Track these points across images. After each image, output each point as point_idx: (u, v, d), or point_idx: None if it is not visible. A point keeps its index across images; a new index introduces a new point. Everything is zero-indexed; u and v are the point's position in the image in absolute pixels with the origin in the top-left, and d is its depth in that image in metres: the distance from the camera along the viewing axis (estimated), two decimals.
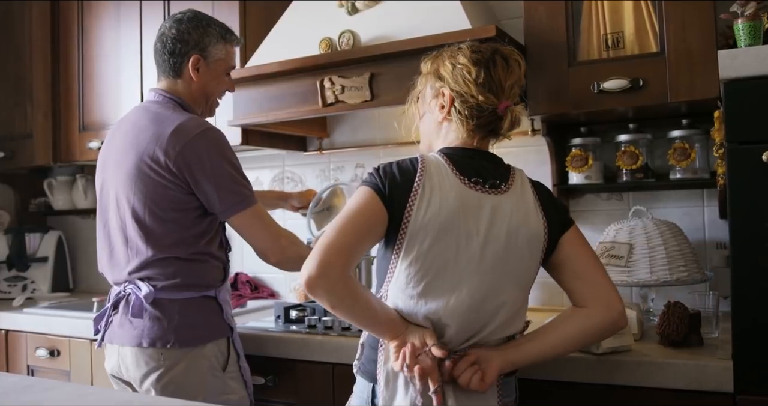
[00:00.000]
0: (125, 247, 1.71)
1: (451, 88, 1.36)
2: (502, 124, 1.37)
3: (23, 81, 3.03)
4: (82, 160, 2.90)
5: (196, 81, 1.79)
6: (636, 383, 1.50)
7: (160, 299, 1.66)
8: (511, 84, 1.36)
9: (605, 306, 1.36)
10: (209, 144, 1.64)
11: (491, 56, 1.36)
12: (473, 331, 1.32)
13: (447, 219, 1.29)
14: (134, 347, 1.66)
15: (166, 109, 1.73)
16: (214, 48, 1.80)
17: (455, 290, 1.29)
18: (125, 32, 2.74)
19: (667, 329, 1.61)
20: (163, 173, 1.63)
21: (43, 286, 3.15)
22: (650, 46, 1.80)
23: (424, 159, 1.34)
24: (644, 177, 2.02)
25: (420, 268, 1.29)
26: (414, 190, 1.29)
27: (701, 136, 1.96)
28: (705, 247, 2.05)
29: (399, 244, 1.30)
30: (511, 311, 1.34)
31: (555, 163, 2.12)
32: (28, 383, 1.38)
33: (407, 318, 1.32)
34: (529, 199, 1.38)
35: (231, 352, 1.72)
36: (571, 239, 1.41)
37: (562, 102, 1.88)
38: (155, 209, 1.65)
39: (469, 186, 1.32)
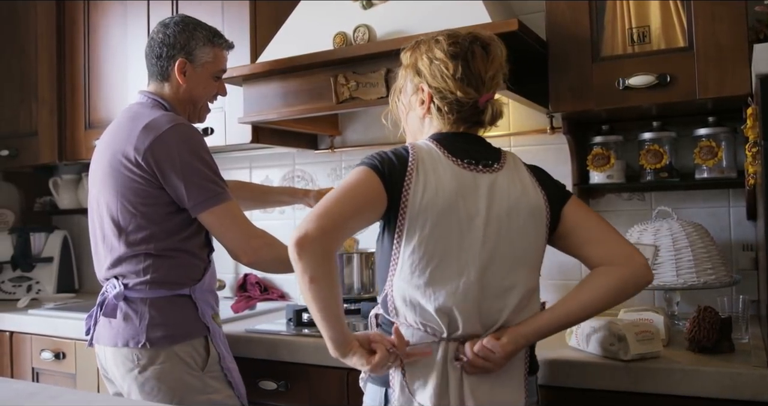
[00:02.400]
0: (103, 244, 1.71)
1: (430, 84, 1.35)
2: (484, 116, 1.36)
3: (28, 78, 2.99)
4: (87, 158, 2.81)
5: (182, 84, 1.78)
6: (667, 391, 1.44)
7: (131, 297, 1.64)
8: (491, 74, 1.33)
9: (625, 260, 1.31)
10: (179, 139, 1.62)
11: (469, 47, 1.32)
12: (490, 318, 1.28)
13: (446, 201, 1.26)
14: (112, 347, 1.66)
15: (146, 108, 1.73)
16: (200, 51, 1.79)
17: (462, 273, 1.26)
18: (132, 29, 2.70)
19: (697, 334, 1.55)
20: (134, 169, 1.62)
21: (48, 286, 3.11)
22: (677, 41, 1.74)
23: (414, 146, 1.33)
24: (668, 176, 1.95)
25: (424, 254, 1.26)
26: (408, 173, 1.27)
27: (728, 134, 1.90)
28: (731, 249, 1.99)
29: (399, 230, 1.27)
30: (524, 293, 1.30)
31: (575, 162, 2.06)
32: (32, 390, 1.33)
33: (420, 316, 1.27)
34: (523, 175, 1.37)
35: (211, 352, 1.67)
36: (573, 207, 1.38)
37: (586, 99, 1.82)
38: (126, 204, 1.64)
39: (463, 167, 1.31)
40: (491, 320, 1.28)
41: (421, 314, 1.27)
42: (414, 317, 1.28)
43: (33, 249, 3.14)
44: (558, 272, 2.17)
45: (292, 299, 2.66)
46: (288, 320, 2.05)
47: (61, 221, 3.41)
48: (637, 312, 1.70)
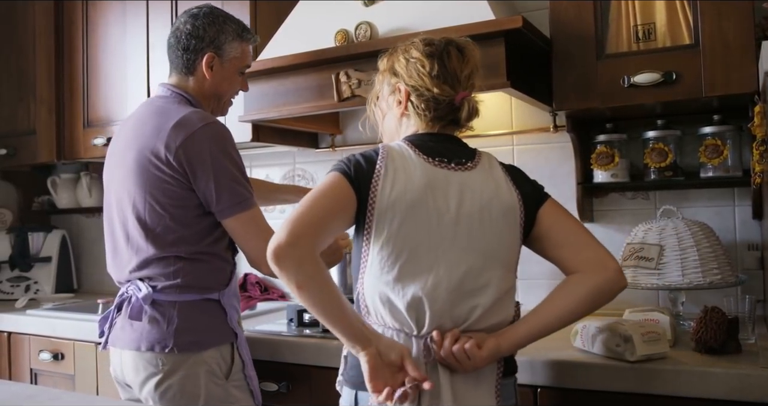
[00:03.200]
0: (127, 245, 1.64)
1: (407, 82, 1.35)
2: (460, 114, 1.35)
3: (26, 76, 2.97)
4: (86, 157, 2.84)
5: (208, 79, 1.72)
6: (673, 392, 1.42)
7: (159, 300, 1.58)
8: (467, 74, 1.34)
9: (597, 266, 1.30)
10: (212, 138, 1.57)
11: (445, 48, 1.34)
12: (460, 317, 1.27)
13: (414, 196, 1.26)
14: (133, 350, 1.59)
15: (172, 104, 1.67)
16: (229, 46, 1.73)
17: (432, 270, 1.25)
18: (131, 27, 2.68)
19: (704, 335, 1.53)
20: (163, 168, 1.56)
21: (47, 286, 3.09)
22: (683, 38, 1.72)
23: (385, 146, 1.34)
24: (673, 175, 1.94)
25: (392, 250, 1.25)
26: (377, 172, 1.28)
27: (734, 132, 1.89)
28: (736, 248, 1.97)
29: (368, 227, 1.27)
30: (497, 293, 1.28)
31: (579, 160, 2.04)
32: (30, 392, 1.32)
33: (389, 313, 1.27)
34: (498, 175, 1.35)
35: (235, 359, 1.63)
36: (549, 210, 1.36)
37: (590, 97, 1.81)
38: (155, 205, 1.58)
39: (434, 164, 1.31)
40: (462, 319, 1.27)
41: (390, 310, 1.27)
42: (384, 315, 1.28)
43: (31, 249, 3.12)
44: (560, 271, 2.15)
45: (293, 299, 2.64)
46: (289, 320, 2.03)
47: (59, 220, 3.39)
48: (643, 312, 1.69)
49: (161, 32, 2.57)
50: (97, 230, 3.28)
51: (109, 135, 2.71)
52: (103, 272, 3.25)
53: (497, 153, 2.31)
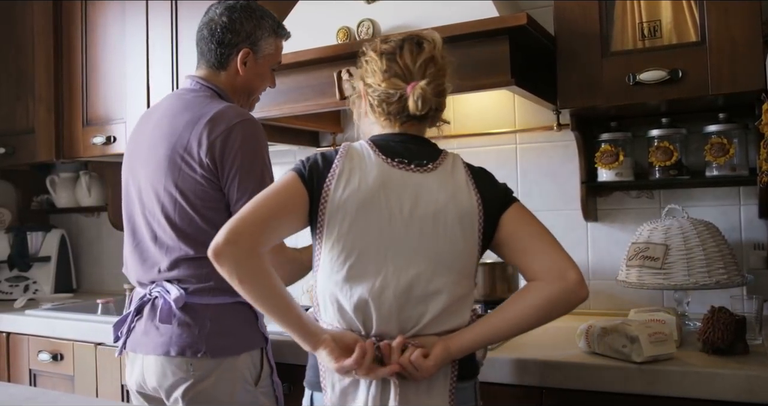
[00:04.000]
0: (154, 244, 1.58)
1: (365, 82, 1.35)
2: (412, 105, 1.28)
3: (25, 75, 2.95)
4: (85, 156, 2.82)
5: (241, 75, 1.67)
6: (681, 394, 1.41)
7: (191, 303, 1.52)
8: (421, 64, 1.29)
9: (556, 276, 1.24)
10: (247, 136, 1.52)
11: (400, 45, 1.32)
12: (409, 321, 1.24)
13: (366, 196, 1.25)
14: (160, 355, 1.52)
15: (203, 98, 1.61)
16: (265, 42, 1.69)
17: (380, 272, 1.23)
18: (131, 25, 2.66)
19: (711, 335, 1.51)
20: (195, 166, 1.51)
21: (46, 286, 3.08)
22: (689, 35, 1.70)
23: (347, 145, 1.33)
24: (678, 174, 1.92)
25: (342, 249, 1.24)
26: (332, 170, 1.27)
27: (740, 130, 1.87)
28: (742, 248, 1.96)
29: (320, 226, 1.26)
30: (449, 301, 1.25)
31: (583, 159, 2.02)
32: (29, 394, 1.30)
33: (338, 313, 1.25)
34: (459, 178, 1.31)
35: (264, 365, 1.59)
36: (513, 215, 1.31)
37: (595, 95, 1.79)
38: (186, 205, 1.53)
39: (392, 165, 1.28)
40: (410, 324, 1.24)
41: (339, 310, 1.25)
42: (333, 315, 1.26)
43: (30, 248, 3.11)
44: None
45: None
46: None
47: (58, 219, 3.37)
48: (649, 312, 1.67)
49: (160, 31, 2.56)
50: (96, 229, 3.27)
51: (109, 134, 2.69)
52: (102, 272, 3.27)
53: (500, 152, 2.32)
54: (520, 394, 1.55)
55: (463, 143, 2.30)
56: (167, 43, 2.54)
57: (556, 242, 1.29)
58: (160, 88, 2.57)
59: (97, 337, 2.28)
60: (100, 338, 2.27)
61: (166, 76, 2.55)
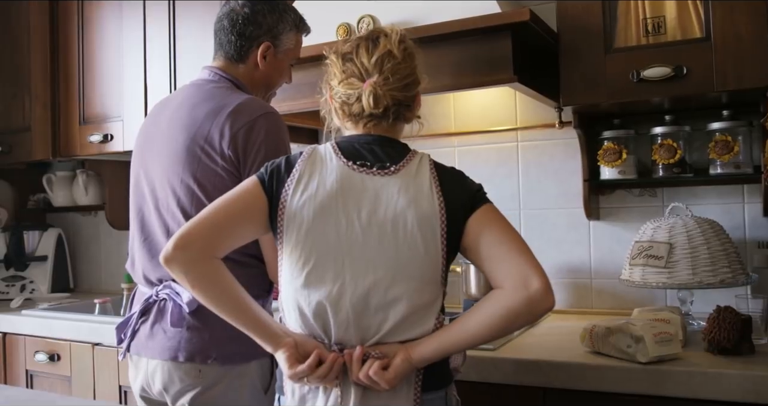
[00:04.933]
0: (166, 239, 1.49)
1: (329, 86, 1.32)
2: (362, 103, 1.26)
3: (21, 72, 2.92)
4: (82, 154, 2.79)
5: (260, 69, 1.63)
6: (687, 394, 1.39)
7: (202, 306, 1.45)
8: (377, 59, 1.25)
9: (518, 284, 1.18)
10: (270, 130, 1.47)
11: (357, 44, 1.29)
12: (368, 330, 1.20)
13: (324, 201, 1.22)
14: (167, 360, 1.46)
15: (224, 89, 1.56)
16: (286, 36, 1.64)
17: (337, 279, 1.20)
18: (128, 22, 2.64)
19: (717, 335, 1.50)
20: (216, 157, 1.46)
21: (43, 286, 3.05)
22: (694, 32, 1.68)
23: (313, 147, 1.30)
24: (682, 172, 1.90)
25: (300, 254, 1.22)
26: (292, 175, 1.25)
27: (745, 128, 1.85)
28: (746, 246, 1.94)
29: (280, 230, 1.24)
30: (411, 309, 1.20)
31: (586, 157, 2.00)
32: (26, 397, 1.28)
33: (300, 318, 1.23)
34: (422, 181, 1.25)
35: (275, 373, 1.51)
36: (478, 219, 1.24)
37: (598, 92, 1.77)
38: (204, 197, 1.45)
39: (353, 168, 1.25)
40: (370, 332, 1.20)
41: (300, 316, 1.23)
42: (296, 320, 1.24)
43: (27, 248, 3.08)
44: (567, 270, 2.12)
45: None
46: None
47: (55, 218, 3.35)
48: (653, 312, 1.65)
49: (158, 28, 2.54)
50: (93, 228, 3.25)
51: (106, 132, 2.67)
52: (100, 272, 3.25)
53: (501, 150, 2.29)
54: (524, 395, 1.53)
55: (464, 141, 2.27)
56: (164, 40, 2.52)
57: (524, 247, 1.23)
58: (157, 85, 2.55)
59: (94, 337, 2.26)
60: (97, 338, 2.25)
61: (164, 73, 2.53)
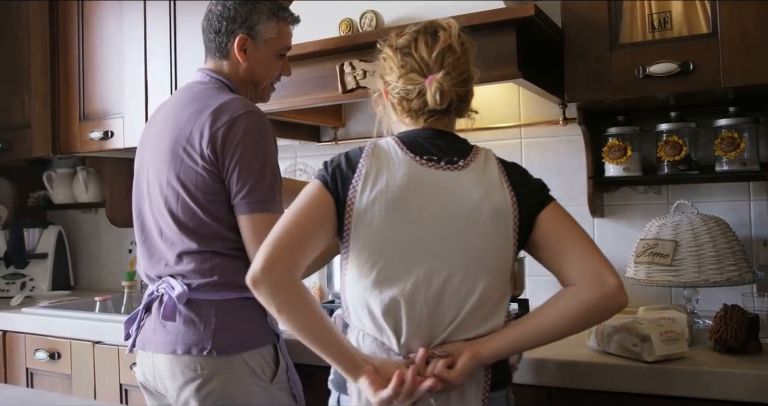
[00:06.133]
0: (160, 239, 1.55)
1: (384, 80, 1.31)
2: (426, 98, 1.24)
3: (21, 68, 2.91)
4: (82, 151, 2.78)
5: (243, 63, 1.62)
6: (693, 394, 1.38)
7: (195, 299, 1.48)
8: (438, 53, 1.24)
9: (594, 281, 1.19)
10: (250, 128, 1.47)
11: (414, 37, 1.27)
12: (440, 326, 1.19)
13: (395, 196, 1.20)
14: (168, 354, 1.49)
15: (211, 90, 1.58)
16: (263, 26, 1.62)
17: (411, 274, 1.18)
18: (128, 18, 2.62)
19: (724, 334, 1.48)
20: (197, 158, 1.48)
21: (43, 283, 3.04)
22: (700, 27, 1.66)
23: (373, 143, 1.27)
24: (687, 169, 1.88)
25: (372, 252, 1.20)
26: (358, 170, 1.22)
27: (751, 124, 1.83)
28: (751, 244, 1.92)
29: (347, 229, 1.21)
30: (484, 303, 1.20)
31: (590, 154, 1.98)
32: (25, 396, 1.27)
33: (369, 319, 1.20)
34: (492, 175, 1.25)
35: (280, 362, 1.54)
36: (549, 215, 1.26)
37: (603, 88, 1.75)
38: (187, 198, 1.49)
39: (421, 163, 1.23)
40: (441, 328, 1.19)
41: (369, 316, 1.21)
42: (364, 320, 1.22)
43: (27, 245, 3.07)
44: None
45: None
46: None
47: (55, 216, 3.33)
48: (658, 310, 1.64)
49: (158, 24, 2.53)
50: (93, 225, 3.23)
51: (106, 129, 2.66)
52: (100, 269, 3.24)
53: (505, 147, 2.27)
54: (530, 394, 1.51)
55: (467, 137, 2.23)
56: (165, 36, 2.51)
57: (595, 245, 1.24)
58: (158, 82, 2.53)
59: (94, 335, 2.25)
60: (97, 336, 2.24)
61: (165, 70, 2.51)
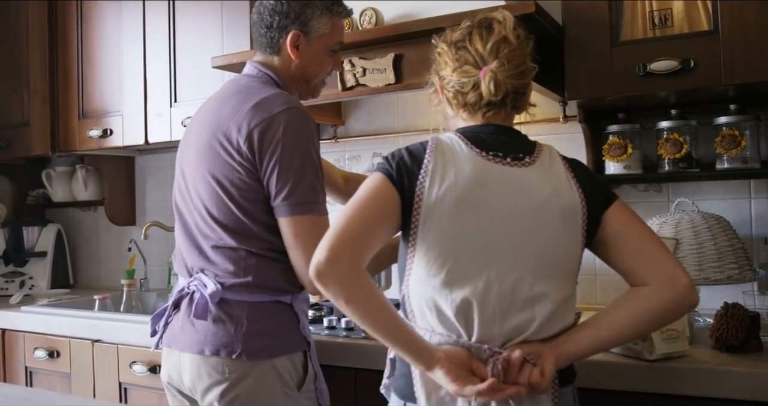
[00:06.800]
0: (196, 229, 1.50)
1: (439, 75, 1.29)
2: (485, 90, 1.22)
3: (20, 66, 2.90)
4: (81, 149, 2.77)
5: (295, 60, 1.56)
6: (694, 393, 1.37)
7: (227, 299, 1.43)
8: (492, 45, 1.22)
9: (668, 281, 1.18)
10: (291, 125, 1.41)
11: (469, 31, 1.25)
12: (516, 328, 1.16)
13: (465, 191, 1.17)
14: (195, 354, 1.44)
15: (256, 83, 1.53)
16: (317, 22, 1.55)
17: (482, 273, 1.16)
18: (127, 16, 2.62)
19: (725, 332, 1.48)
20: (233, 153, 1.42)
21: (42, 282, 3.04)
22: (701, 24, 1.66)
23: (435, 138, 1.25)
24: (688, 167, 1.87)
25: (441, 251, 1.16)
26: (424, 166, 1.19)
27: (752, 122, 1.82)
28: (752, 242, 1.91)
29: (414, 226, 1.18)
30: (556, 304, 1.18)
31: (591, 151, 1.98)
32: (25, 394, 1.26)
33: (437, 319, 1.17)
34: (559, 172, 1.24)
35: (309, 370, 1.49)
36: (616, 213, 1.24)
37: (604, 85, 1.74)
38: (222, 192, 1.44)
39: (488, 159, 1.21)
40: (518, 331, 1.16)
41: (438, 316, 1.17)
42: (431, 320, 1.18)
43: (26, 243, 3.06)
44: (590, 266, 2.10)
45: None
46: None
47: (54, 214, 3.32)
48: None
49: (157, 22, 2.52)
50: (92, 224, 3.23)
51: (105, 127, 2.66)
52: (100, 268, 3.23)
53: None
54: None
55: None
56: (164, 34, 2.50)
57: (663, 243, 1.24)
58: (157, 80, 2.53)
59: (94, 334, 2.24)
60: (97, 334, 2.23)
61: (164, 67, 2.50)
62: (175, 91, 2.49)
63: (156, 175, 3.02)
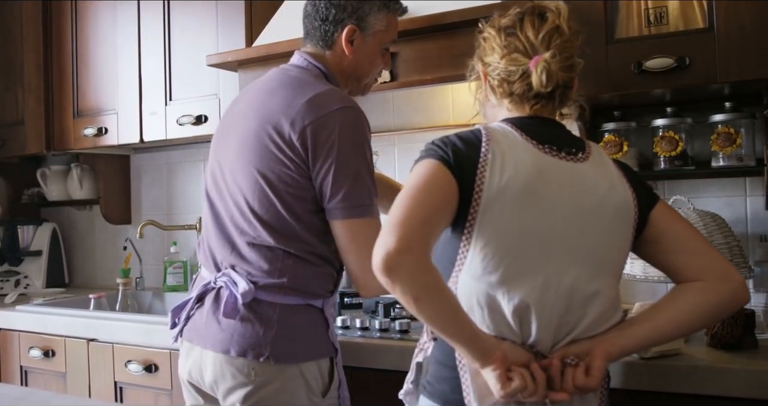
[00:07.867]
0: (230, 223, 1.44)
1: (483, 62, 1.24)
2: (531, 80, 1.17)
3: (14, 64, 2.89)
4: (76, 148, 2.77)
5: (348, 56, 1.51)
6: (689, 390, 1.37)
7: (258, 299, 1.38)
8: (545, 34, 1.17)
9: (721, 277, 1.17)
10: (346, 125, 1.37)
11: (520, 17, 1.20)
12: (567, 326, 1.14)
13: (526, 183, 1.12)
14: (219, 353, 1.40)
15: (308, 76, 1.47)
16: (374, 18, 1.51)
17: (540, 272, 1.12)
18: (122, 14, 2.61)
19: (719, 330, 1.48)
20: (284, 148, 1.37)
21: (37, 281, 3.03)
22: (697, 22, 1.65)
23: (486, 127, 1.19)
24: (683, 164, 1.88)
25: (499, 246, 1.11)
26: (483, 155, 1.13)
27: (747, 120, 1.83)
28: (747, 240, 1.92)
29: (471, 219, 1.12)
30: (606, 303, 1.16)
31: None
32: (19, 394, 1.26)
33: (489, 318, 1.12)
34: (611, 169, 1.22)
35: (334, 377, 1.46)
36: (663, 211, 1.24)
37: (599, 83, 1.74)
38: (267, 189, 1.38)
39: (544, 151, 1.17)
40: (566, 330, 1.14)
41: (491, 315, 1.12)
42: (482, 318, 1.13)
43: (21, 242, 3.06)
44: None
45: None
46: None
47: (49, 213, 3.32)
48: None
49: (152, 20, 2.52)
50: (89, 223, 3.22)
51: (100, 125, 2.65)
52: (95, 266, 3.22)
53: None
54: None
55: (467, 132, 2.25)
56: (159, 32, 2.50)
57: (709, 241, 1.24)
58: (152, 78, 2.52)
59: (89, 333, 2.23)
60: (92, 333, 2.23)
61: (159, 66, 2.50)
62: (170, 90, 2.48)
63: (151, 174, 3.01)
